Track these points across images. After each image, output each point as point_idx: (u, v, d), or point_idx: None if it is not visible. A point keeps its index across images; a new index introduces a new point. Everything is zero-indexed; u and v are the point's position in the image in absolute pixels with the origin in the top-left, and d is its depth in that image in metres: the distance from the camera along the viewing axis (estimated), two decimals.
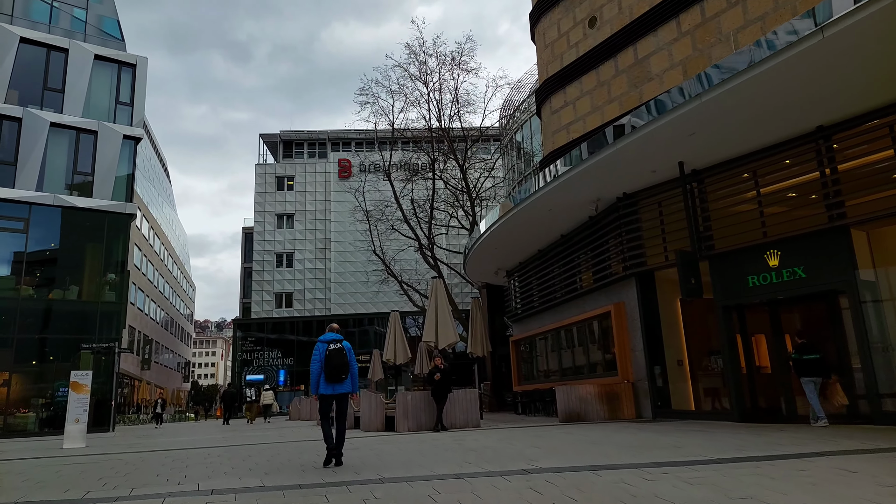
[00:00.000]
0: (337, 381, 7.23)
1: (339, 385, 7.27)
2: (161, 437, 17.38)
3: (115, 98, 25.36)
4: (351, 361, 7.37)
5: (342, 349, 7.34)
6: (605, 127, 14.96)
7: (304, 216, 57.22)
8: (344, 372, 7.24)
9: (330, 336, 7.46)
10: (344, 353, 7.32)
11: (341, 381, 7.26)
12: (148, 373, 56.63)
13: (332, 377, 7.20)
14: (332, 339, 7.39)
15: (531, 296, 20.51)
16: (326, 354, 7.25)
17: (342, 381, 7.27)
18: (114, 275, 24.61)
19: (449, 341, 14.72)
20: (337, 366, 7.20)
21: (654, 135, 11.56)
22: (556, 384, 17.70)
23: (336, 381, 7.23)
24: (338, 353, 7.25)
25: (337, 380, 7.22)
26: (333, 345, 7.32)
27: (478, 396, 13.16)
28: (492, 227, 18.35)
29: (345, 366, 7.26)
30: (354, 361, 7.45)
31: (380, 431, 13.34)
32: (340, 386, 7.28)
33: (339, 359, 7.23)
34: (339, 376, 7.23)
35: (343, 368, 7.24)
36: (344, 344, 7.40)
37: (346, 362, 7.29)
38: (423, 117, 32.75)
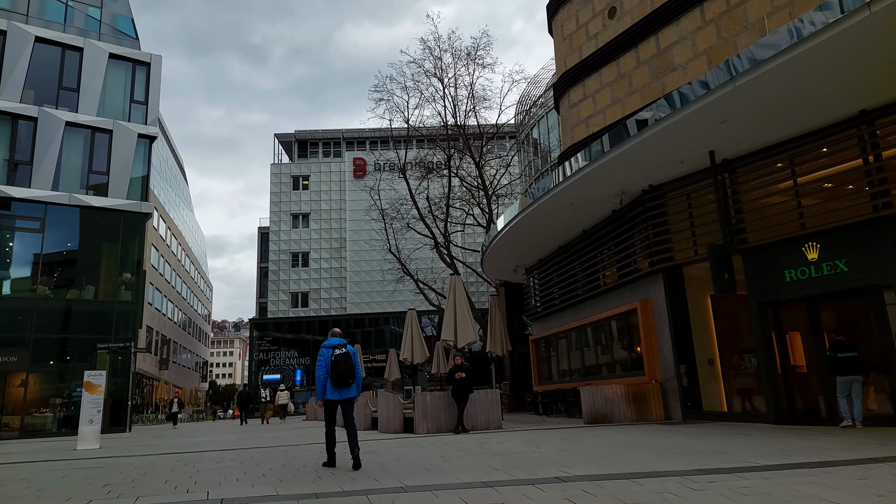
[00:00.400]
0: (344, 387, 7.18)
1: (345, 390, 7.22)
2: (176, 438, 17.14)
3: (129, 97, 25.22)
4: (356, 366, 7.29)
5: (347, 354, 7.24)
6: (627, 119, 14.46)
7: (320, 215, 57.06)
8: (350, 377, 7.16)
9: (334, 341, 7.35)
10: (349, 357, 7.24)
11: (348, 385, 7.20)
12: (166, 373, 56.82)
13: (338, 383, 7.13)
14: (337, 345, 7.28)
15: (552, 293, 20.00)
16: (332, 360, 7.16)
17: (349, 385, 7.21)
18: (130, 274, 24.48)
19: (468, 340, 14.28)
20: (343, 371, 7.11)
21: (683, 123, 11.04)
22: (579, 384, 17.19)
23: (343, 387, 7.18)
24: (344, 359, 7.17)
25: (344, 385, 7.16)
26: (339, 350, 7.21)
27: (499, 397, 12.71)
28: (511, 223, 17.87)
29: (351, 370, 7.17)
30: (360, 366, 7.37)
31: (398, 433, 12.94)
32: (347, 391, 7.23)
33: (345, 364, 7.15)
34: (346, 381, 7.15)
35: (349, 373, 7.15)
36: (349, 348, 7.32)
37: (352, 367, 7.21)
38: (439, 113, 32.38)
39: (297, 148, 61.91)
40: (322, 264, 55.94)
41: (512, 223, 17.82)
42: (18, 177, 22.56)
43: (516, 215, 17.62)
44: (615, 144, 12.46)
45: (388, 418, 13.46)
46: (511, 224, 17.91)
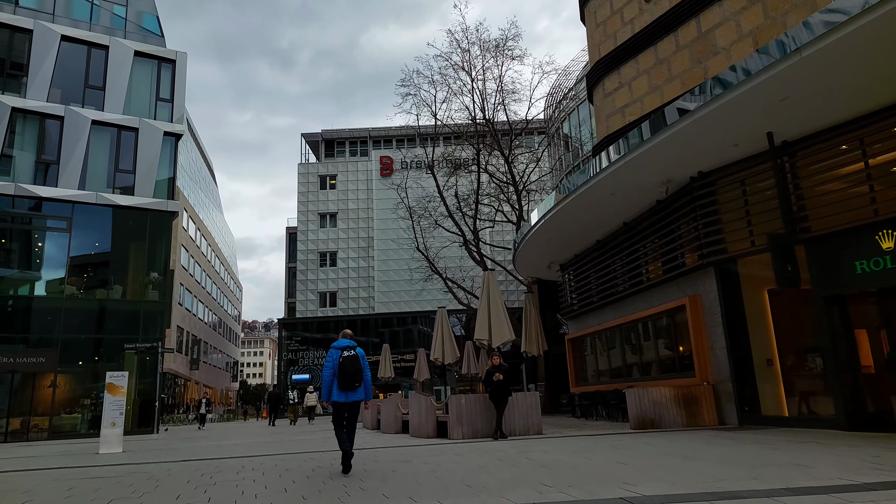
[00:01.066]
0: (350, 389, 7.09)
1: (352, 393, 7.12)
2: (202, 441, 16.67)
3: (155, 94, 24.99)
4: (364, 369, 7.18)
5: (356, 356, 7.14)
6: (666, 107, 13.54)
7: (347, 215, 56.76)
8: (357, 380, 7.07)
9: (343, 343, 7.28)
10: (358, 360, 7.13)
11: (354, 388, 7.11)
12: (197, 373, 57.14)
13: (345, 385, 7.04)
14: (346, 346, 7.19)
15: (589, 290, 19.06)
16: (340, 362, 7.08)
17: (355, 388, 7.11)
18: (157, 273, 24.21)
19: (504, 339, 13.45)
20: (351, 373, 7.02)
21: (738, 102, 10.08)
22: (621, 385, 16.24)
23: (349, 389, 7.08)
24: (352, 361, 7.07)
25: (350, 388, 7.07)
26: (347, 352, 7.13)
27: (538, 400, 11.87)
28: (546, 216, 17.00)
29: (358, 373, 7.07)
30: (368, 369, 7.25)
31: (430, 438, 12.19)
32: (353, 394, 7.14)
33: (352, 366, 7.04)
34: (352, 384, 7.06)
35: (357, 376, 7.06)
36: (358, 351, 7.23)
37: (360, 370, 7.11)
38: (466, 108, 31.55)
39: (324, 148, 61.73)
40: (350, 263, 55.63)
41: (547, 216, 16.95)
42: (46, 176, 22.44)
43: (551, 208, 16.75)
44: (658, 130, 11.56)
45: (420, 422, 12.72)
46: (546, 217, 17.05)
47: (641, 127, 12.49)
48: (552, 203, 17.04)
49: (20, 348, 21.46)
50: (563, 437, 10.70)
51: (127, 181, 23.63)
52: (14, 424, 21.04)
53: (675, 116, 11.26)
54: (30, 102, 22.42)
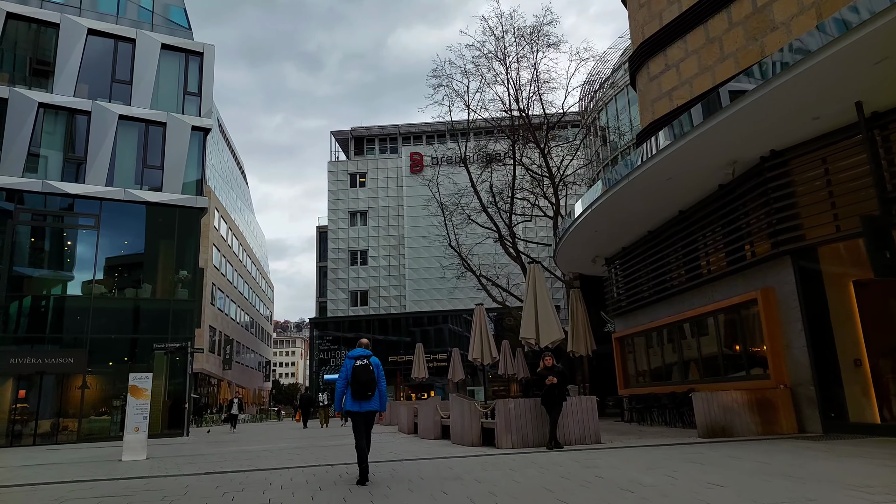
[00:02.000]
0: (363, 399, 7.05)
1: (365, 402, 7.09)
2: (230, 446, 15.88)
3: (182, 88, 24.42)
4: (379, 378, 7.14)
5: (369, 365, 7.11)
6: (720, 87, 12.30)
7: (377, 212, 56.07)
8: (370, 389, 7.04)
9: (358, 352, 7.27)
10: (371, 369, 7.09)
11: (368, 398, 7.07)
12: (229, 373, 57.09)
13: (358, 394, 7.03)
14: (360, 356, 7.20)
15: (639, 285, 17.78)
16: (353, 371, 7.07)
17: (369, 398, 7.07)
18: (186, 272, 23.63)
19: (552, 338, 12.32)
20: (363, 383, 7.00)
21: (822, 69, 8.81)
22: (678, 388, 14.96)
23: (362, 399, 7.05)
24: (364, 370, 7.04)
25: (363, 397, 7.04)
26: (360, 361, 7.12)
27: (596, 404, 10.71)
28: (592, 206, 15.80)
29: (371, 382, 7.04)
30: (383, 378, 7.23)
31: (475, 447, 11.12)
32: (367, 403, 7.10)
33: (365, 375, 7.02)
34: (365, 393, 7.03)
35: (370, 385, 7.03)
36: (372, 360, 7.20)
37: (373, 379, 7.07)
38: (500, 98, 30.34)
39: (354, 145, 61.19)
40: (381, 262, 54.93)
41: (593, 207, 15.76)
42: (73, 172, 22.03)
43: (598, 198, 15.58)
44: (725, 106, 10.34)
45: (463, 428, 11.66)
46: (592, 208, 15.86)
47: (701, 105, 11.30)
48: (598, 193, 15.88)
49: (48, 349, 21.05)
50: (627, 448, 9.51)
51: (155, 177, 23.09)
52: (43, 426, 20.64)
53: (726, 101, 10.14)
54: (57, 98, 22.03)
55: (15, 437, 20.35)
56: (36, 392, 20.89)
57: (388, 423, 22.54)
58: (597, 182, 18.34)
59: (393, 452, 10.72)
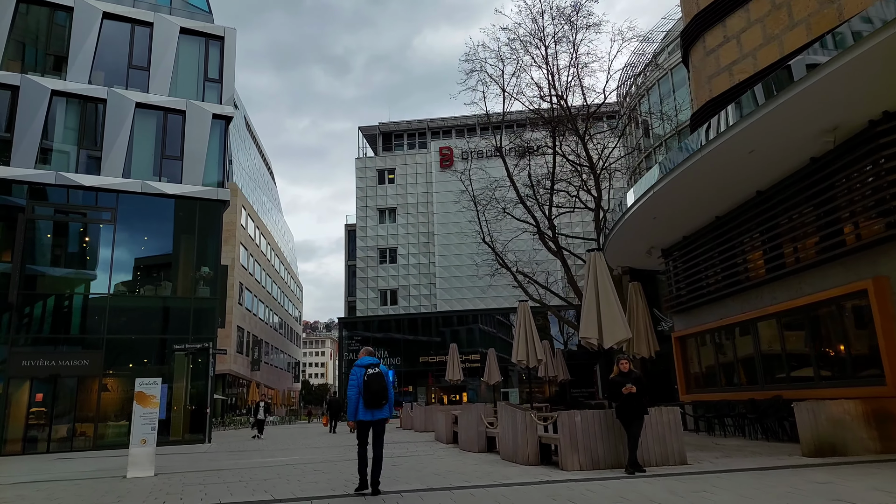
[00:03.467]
0: (376, 407, 7.06)
1: (377, 411, 7.10)
2: (252, 456, 14.38)
3: (203, 75, 23.14)
4: (389, 386, 7.13)
5: (380, 374, 7.10)
6: (789, 60, 10.42)
7: (406, 209, 54.62)
8: (384, 397, 7.04)
9: (366, 360, 7.25)
10: (383, 378, 7.09)
11: (381, 406, 7.07)
12: (258, 373, 56.20)
13: (371, 403, 7.02)
14: (369, 364, 7.18)
15: (704, 279, 15.82)
16: (365, 380, 7.03)
17: (382, 406, 7.08)
18: (208, 268, 22.31)
19: (618, 338, 10.50)
20: (376, 392, 6.99)
21: None
22: (759, 394, 12.99)
23: (376, 407, 7.06)
24: (376, 379, 7.03)
25: (376, 406, 7.04)
26: (371, 369, 7.09)
27: (680, 417, 8.87)
28: (655, 188, 13.94)
29: (384, 391, 7.04)
30: (391, 385, 7.20)
31: (532, 465, 9.36)
32: (379, 412, 7.11)
33: (377, 384, 7.01)
34: (379, 402, 7.04)
35: (382, 394, 7.03)
36: (381, 368, 7.16)
37: (385, 388, 7.06)
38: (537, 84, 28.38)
39: (382, 141, 59.86)
40: (410, 260, 53.46)
41: (656, 189, 13.90)
42: (88, 164, 20.87)
43: (659, 180, 13.75)
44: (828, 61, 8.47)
45: (516, 443, 9.91)
46: (654, 191, 14.00)
47: (792, 65, 9.42)
48: (654, 178, 14.07)
49: (63, 350, 19.89)
50: (726, 473, 7.65)
51: (174, 169, 21.82)
52: (59, 432, 19.47)
53: (800, 73, 8.32)
54: (70, 85, 20.89)
55: (30, 442, 19.26)
56: (51, 396, 19.75)
57: (423, 430, 20.90)
58: (652, 168, 16.52)
59: (436, 473, 9.02)
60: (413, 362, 48.64)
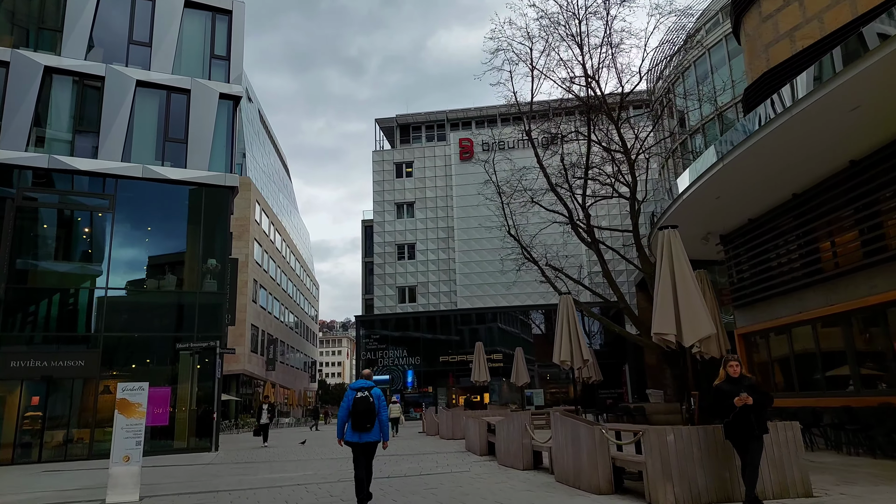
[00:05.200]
0: (363, 430, 7.10)
1: (365, 434, 7.13)
2: (260, 470, 12.55)
3: (209, 51, 21.38)
4: (380, 409, 7.15)
5: (368, 397, 7.13)
6: (865, 20, 8.41)
7: (425, 203, 52.74)
8: (369, 420, 7.08)
9: (359, 383, 7.31)
10: (370, 401, 7.11)
11: (367, 429, 7.11)
12: (273, 373, 54.70)
13: (356, 425, 7.08)
14: (361, 387, 7.22)
15: (776, 267, 13.76)
16: (353, 402, 7.12)
17: (368, 429, 7.11)
18: (215, 260, 20.58)
19: (702, 333, 8.51)
20: (361, 413, 7.04)
21: None
22: (856, 400, 10.91)
23: (362, 430, 7.09)
24: (363, 402, 7.08)
25: (362, 428, 7.08)
26: (361, 392, 7.16)
27: (800, 434, 6.87)
28: (725, 161, 11.93)
29: (369, 413, 7.06)
30: (384, 409, 7.24)
31: (605, 495, 7.39)
32: (367, 434, 7.13)
33: (363, 406, 7.06)
34: (364, 425, 7.08)
35: (368, 416, 7.06)
36: (373, 392, 7.20)
37: (372, 410, 7.08)
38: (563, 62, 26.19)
39: (399, 133, 58.06)
40: (429, 256, 51.57)
41: (725, 162, 11.90)
42: (83, 146, 19.21)
43: (725, 155, 11.77)
44: None
45: (579, 463, 7.95)
46: (722, 164, 12.00)
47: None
48: (712, 159, 12.12)
49: (56, 349, 18.22)
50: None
51: (178, 152, 20.09)
52: (52, 440, 17.83)
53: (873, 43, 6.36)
54: (65, 61, 19.24)
55: (23, 449, 17.64)
56: (44, 399, 18.11)
57: (451, 437, 18.98)
58: (708, 149, 14.56)
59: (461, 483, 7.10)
60: (432, 362, 46.78)
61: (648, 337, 24.44)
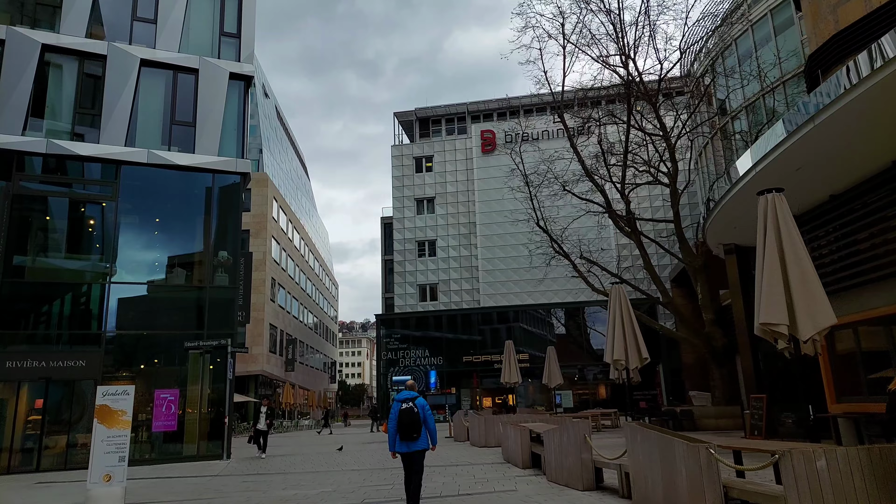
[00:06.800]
0: (410, 440, 7.28)
1: (413, 443, 7.31)
2: (275, 485, 10.93)
3: (218, 28, 19.90)
4: (425, 418, 7.36)
5: (412, 408, 7.32)
6: None
7: (446, 199, 51.08)
8: (416, 430, 7.27)
9: (404, 395, 7.51)
10: (415, 411, 7.31)
11: (414, 439, 7.30)
12: (293, 374, 53.42)
13: (405, 435, 7.27)
14: (406, 398, 7.44)
15: (869, 249, 11.83)
16: (399, 413, 7.31)
17: (415, 439, 7.31)
18: (226, 252, 19.08)
19: (821, 324, 6.77)
20: (407, 424, 7.24)
21: None
22: None
23: (409, 440, 7.28)
24: (408, 413, 7.28)
25: (410, 438, 7.27)
26: (406, 403, 7.35)
27: None
28: (814, 122, 10.08)
29: (416, 424, 7.25)
30: (430, 417, 7.43)
31: None
32: (415, 444, 7.33)
33: (408, 417, 7.25)
34: (411, 434, 7.25)
35: (414, 427, 7.25)
36: (418, 402, 7.41)
37: (417, 421, 7.28)
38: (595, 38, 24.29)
39: (419, 127, 56.47)
40: (450, 252, 49.90)
41: (816, 122, 10.04)
42: (85, 130, 17.82)
43: (829, 105, 9.89)
44: None
45: (673, 488, 6.18)
46: (813, 124, 10.15)
47: None
48: (781, 134, 10.31)
49: (55, 349, 16.83)
50: None
51: (186, 136, 18.63)
52: (52, 446, 16.44)
53: None
54: (64, 39, 17.86)
55: (23, 456, 16.30)
56: (43, 403, 16.74)
57: (483, 445, 17.25)
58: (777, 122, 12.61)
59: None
60: (455, 362, 45.06)
61: (695, 336, 22.44)
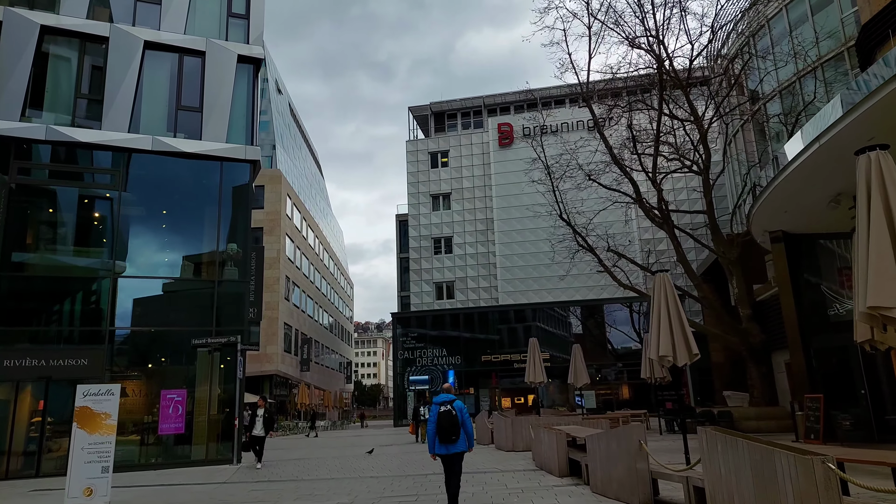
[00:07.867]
0: (449, 442, 7.38)
1: (452, 445, 7.39)
2: (285, 494, 9.82)
3: (226, 8, 18.93)
4: (464, 421, 7.47)
5: (451, 411, 7.43)
6: None
7: (462, 194, 49.87)
8: (454, 433, 7.36)
9: (442, 398, 7.63)
10: (453, 414, 7.42)
11: (453, 441, 7.38)
12: (308, 374, 52.56)
13: (443, 438, 7.35)
14: (443, 401, 7.55)
15: None
16: (437, 416, 7.42)
17: (454, 441, 7.38)
18: (235, 245, 18.07)
19: None
20: (446, 427, 7.34)
21: None
22: None
23: (449, 442, 7.37)
24: (447, 416, 7.40)
25: (448, 440, 7.36)
26: (444, 407, 7.46)
27: None
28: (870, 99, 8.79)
29: (454, 427, 7.38)
30: (468, 420, 7.54)
31: None
32: (454, 446, 7.42)
33: (447, 421, 7.37)
34: (450, 437, 7.35)
35: (453, 430, 7.36)
36: (455, 405, 7.52)
37: (455, 423, 7.39)
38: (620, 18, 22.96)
39: (434, 121, 55.33)
40: (467, 249, 48.67)
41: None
42: (87, 116, 16.90)
43: None
44: None
45: None
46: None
47: None
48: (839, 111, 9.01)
49: (56, 347, 15.89)
50: None
51: (192, 122, 17.65)
52: (52, 450, 15.52)
53: None
54: (65, 20, 16.95)
55: (23, 460, 15.43)
56: (47, 404, 15.83)
57: (511, 449, 16.05)
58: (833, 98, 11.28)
59: None
60: (472, 361, 43.81)
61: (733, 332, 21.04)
